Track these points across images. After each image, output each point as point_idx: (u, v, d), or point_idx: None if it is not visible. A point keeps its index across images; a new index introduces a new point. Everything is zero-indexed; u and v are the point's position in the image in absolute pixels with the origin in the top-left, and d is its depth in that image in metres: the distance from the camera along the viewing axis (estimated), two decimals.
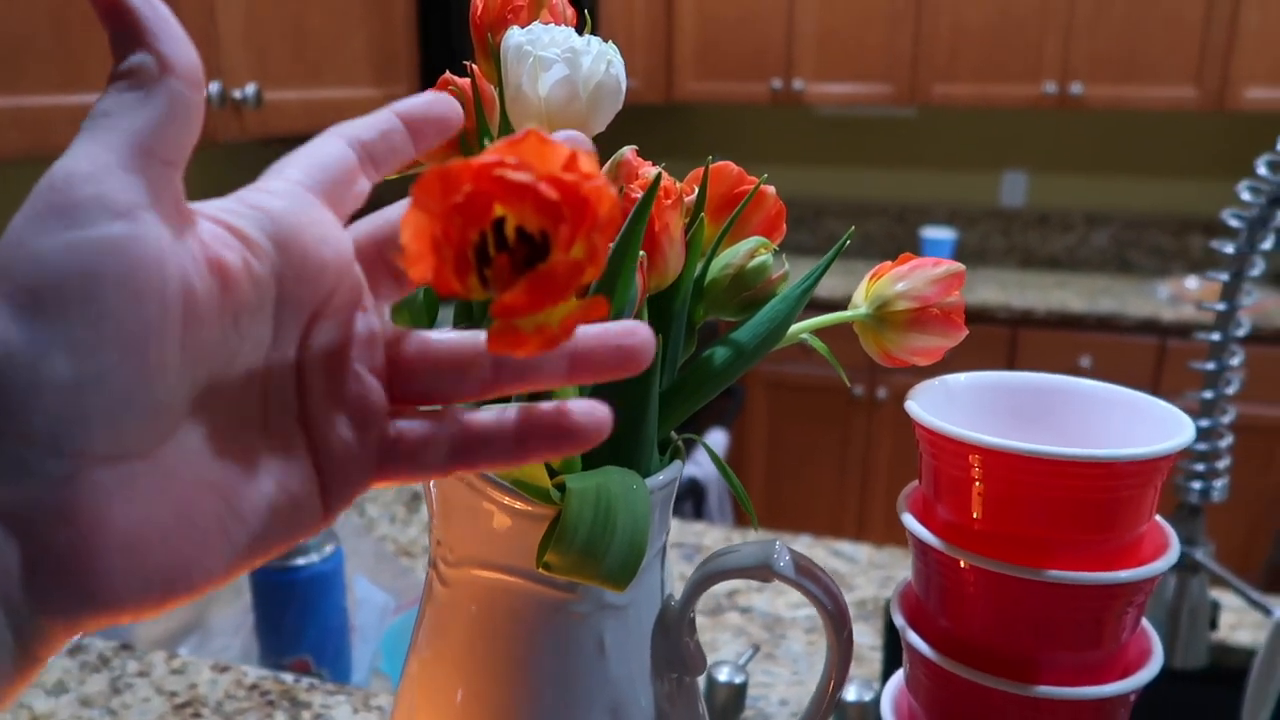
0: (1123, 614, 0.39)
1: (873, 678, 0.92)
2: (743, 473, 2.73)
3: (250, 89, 1.17)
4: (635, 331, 0.26)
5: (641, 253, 0.35)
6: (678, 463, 0.41)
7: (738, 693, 0.66)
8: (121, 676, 0.68)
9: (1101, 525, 0.38)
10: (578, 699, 0.39)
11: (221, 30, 1.15)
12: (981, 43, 2.63)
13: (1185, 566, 0.80)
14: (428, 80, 1.63)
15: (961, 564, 0.40)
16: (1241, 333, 0.75)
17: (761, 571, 0.40)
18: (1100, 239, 2.99)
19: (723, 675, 0.66)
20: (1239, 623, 1.05)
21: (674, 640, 0.41)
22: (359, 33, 1.45)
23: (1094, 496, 0.38)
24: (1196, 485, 0.78)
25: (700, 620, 1.03)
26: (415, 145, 0.27)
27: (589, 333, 0.26)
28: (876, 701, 0.66)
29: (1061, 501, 0.38)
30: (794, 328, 0.42)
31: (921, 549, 0.42)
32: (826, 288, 1.60)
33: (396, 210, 0.27)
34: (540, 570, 0.35)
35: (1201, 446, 0.77)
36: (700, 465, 1.90)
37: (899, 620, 0.44)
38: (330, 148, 0.26)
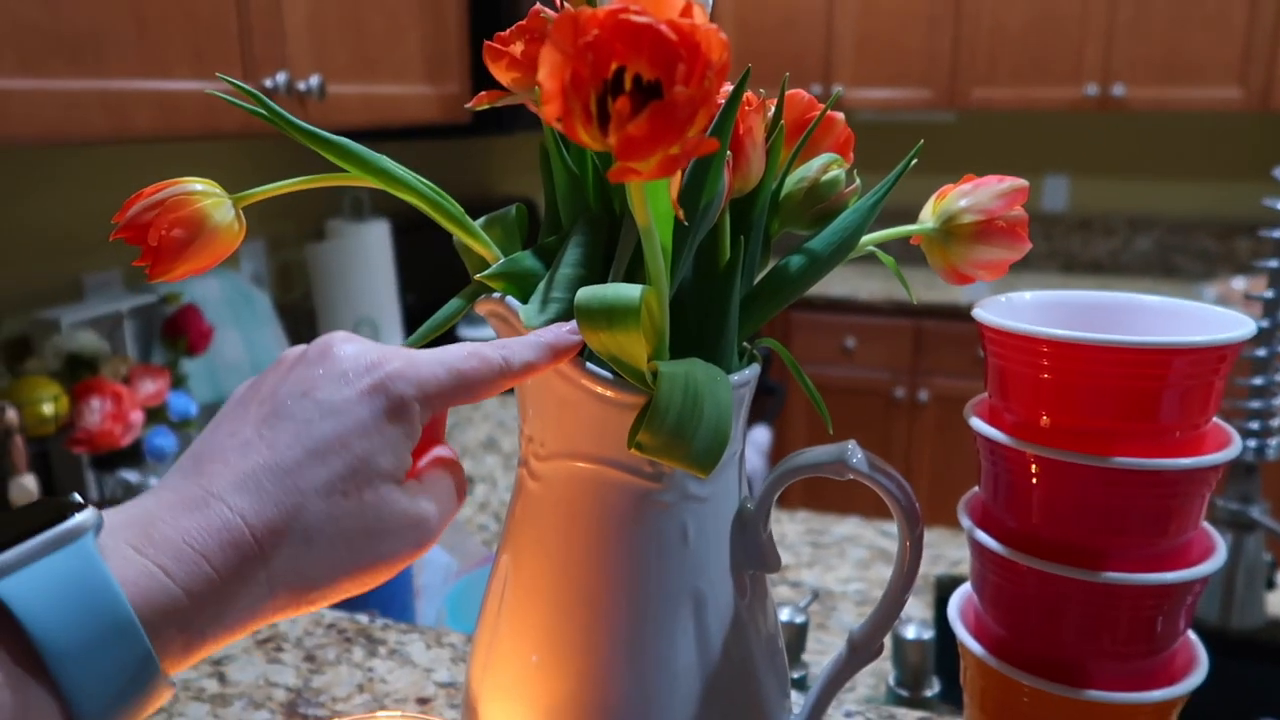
0: (1185, 505, 0.41)
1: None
2: None
3: (314, 80, 1.21)
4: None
5: (728, 152, 0.38)
6: (755, 365, 0.43)
7: (799, 632, 0.68)
8: None
9: (1163, 415, 0.40)
10: (663, 585, 0.41)
11: (287, 23, 1.19)
12: (1021, 45, 2.64)
13: (1241, 525, 0.81)
14: (478, 79, 1.68)
15: (1029, 458, 0.42)
16: None
17: (836, 467, 0.42)
18: (1144, 243, 2.97)
19: (784, 615, 0.68)
20: None
21: (751, 536, 0.43)
22: (413, 32, 1.50)
23: (1155, 385, 0.39)
24: (1251, 443, 0.79)
25: (769, 584, 1.05)
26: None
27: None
28: (934, 642, 0.67)
29: (1124, 391, 0.40)
30: (864, 239, 0.44)
31: (990, 449, 0.44)
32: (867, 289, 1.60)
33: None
34: (632, 451, 0.37)
35: (1255, 404, 0.78)
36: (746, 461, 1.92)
37: (966, 522, 0.45)
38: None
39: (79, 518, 0.28)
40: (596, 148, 0.27)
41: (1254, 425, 0.79)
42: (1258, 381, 0.78)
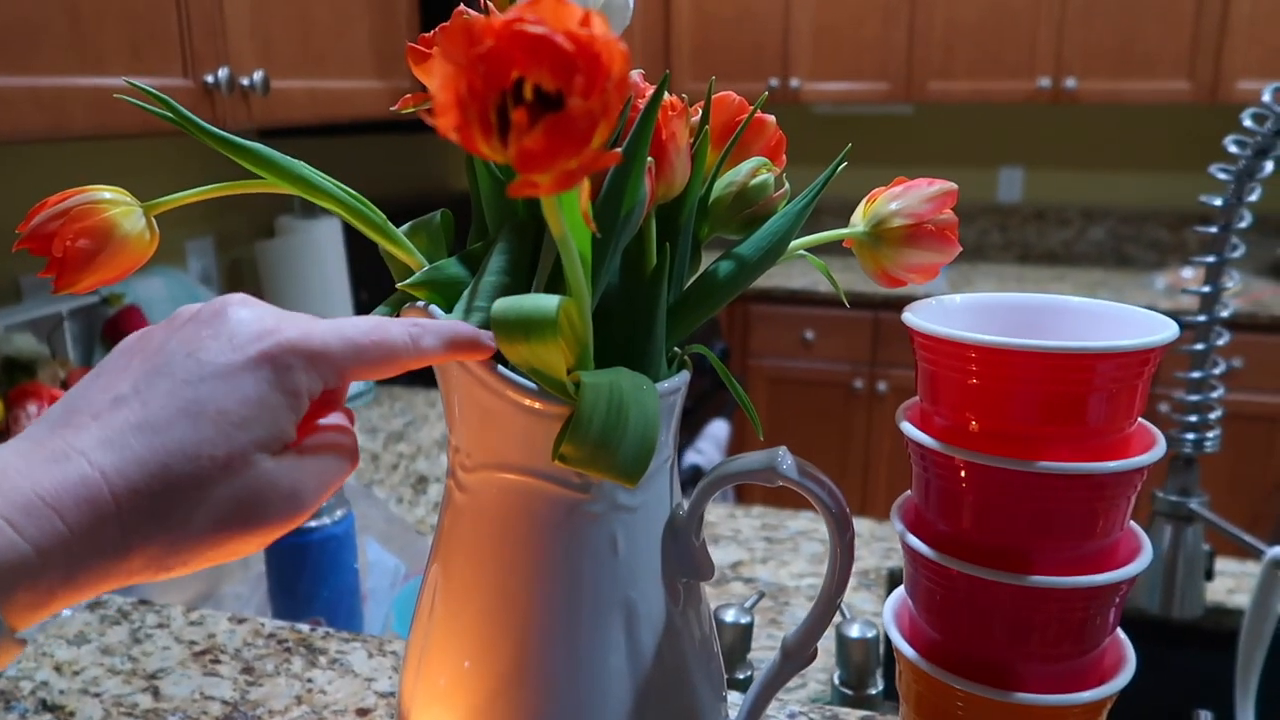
0: (1112, 507, 0.41)
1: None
2: None
3: (258, 76, 1.19)
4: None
5: (650, 159, 0.37)
6: (684, 372, 0.43)
7: (744, 633, 0.67)
8: (141, 628, 0.70)
9: (1089, 419, 0.40)
10: (593, 596, 0.41)
11: (228, 17, 1.17)
12: (976, 39, 2.66)
13: (1180, 517, 0.82)
14: None
15: (958, 463, 0.42)
16: (1230, 285, 0.77)
17: (766, 474, 0.41)
18: (1097, 233, 3.02)
19: (729, 616, 0.68)
20: (1237, 587, 1.06)
21: (683, 544, 0.43)
22: (362, 25, 1.47)
23: (1080, 389, 0.39)
24: (1190, 436, 0.80)
25: (704, 589, 1.05)
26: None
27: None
28: (877, 640, 0.67)
29: (1050, 396, 0.40)
30: (794, 243, 0.43)
31: (921, 454, 0.44)
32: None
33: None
34: (556, 462, 0.37)
35: (1194, 398, 0.79)
36: (702, 454, 1.92)
37: (899, 526, 0.45)
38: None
39: None
40: (498, 160, 0.26)
41: (1192, 418, 0.80)
42: (1195, 375, 0.79)
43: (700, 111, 0.42)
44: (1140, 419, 0.42)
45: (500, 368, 0.38)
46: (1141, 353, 0.39)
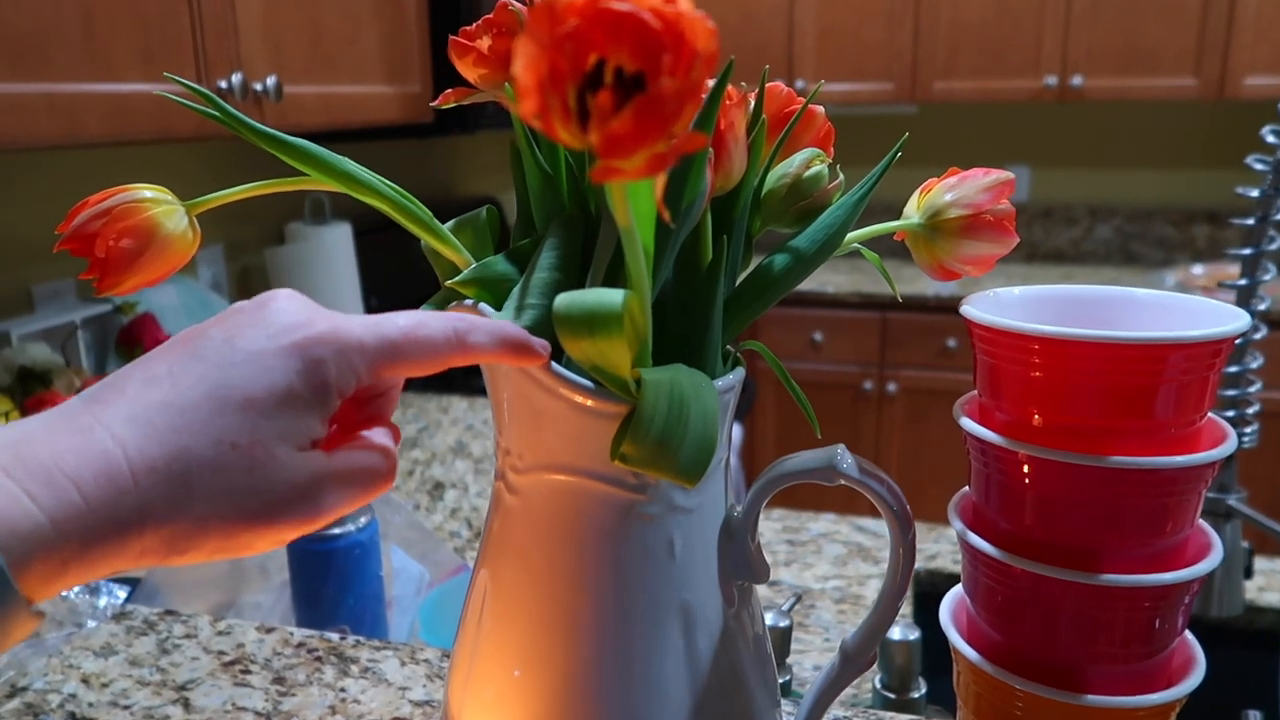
0: (1182, 503, 0.40)
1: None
2: (755, 466, 2.73)
3: (270, 81, 1.18)
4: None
5: (710, 150, 0.36)
6: (740, 369, 0.42)
7: (783, 635, 0.66)
8: (168, 638, 0.69)
9: (1158, 412, 0.39)
10: (650, 599, 0.40)
11: (240, 22, 1.16)
12: (981, 38, 2.65)
13: (1219, 513, 0.80)
14: (440, 78, 1.65)
15: (1021, 458, 0.41)
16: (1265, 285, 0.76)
17: (826, 472, 0.40)
18: (1105, 232, 3.01)
19: (768, 619, 0.66)
20: (1268, 585, 1.05)
21: (739, 546, 0.42)
22: (372, 31, 1.47)
23: (1150, 382, 0.38)
24: None
25: (756, 592, 1.04)
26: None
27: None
28: (919, 643, 0.66)
29: (1118, 388, 0.39)
30: (848, 236, 0.42)
31: (981, 449, 0.43)
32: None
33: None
34: (616, 462, 0.35)
35: (1231, 393, 0.78)
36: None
37: (958, 525, 0.44)
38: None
39: None
40: (577, 146, 0.25)
41: (1230, 414, 0.78)
42: (1233, 369, 0.78)
43: (754, 102, 0.41)
44: (1210, 412, 0.41)
45: (555, 365, 0.37)
46: (1213, 343, 0.38)
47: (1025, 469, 0.41)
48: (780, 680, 0.68)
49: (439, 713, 0.60)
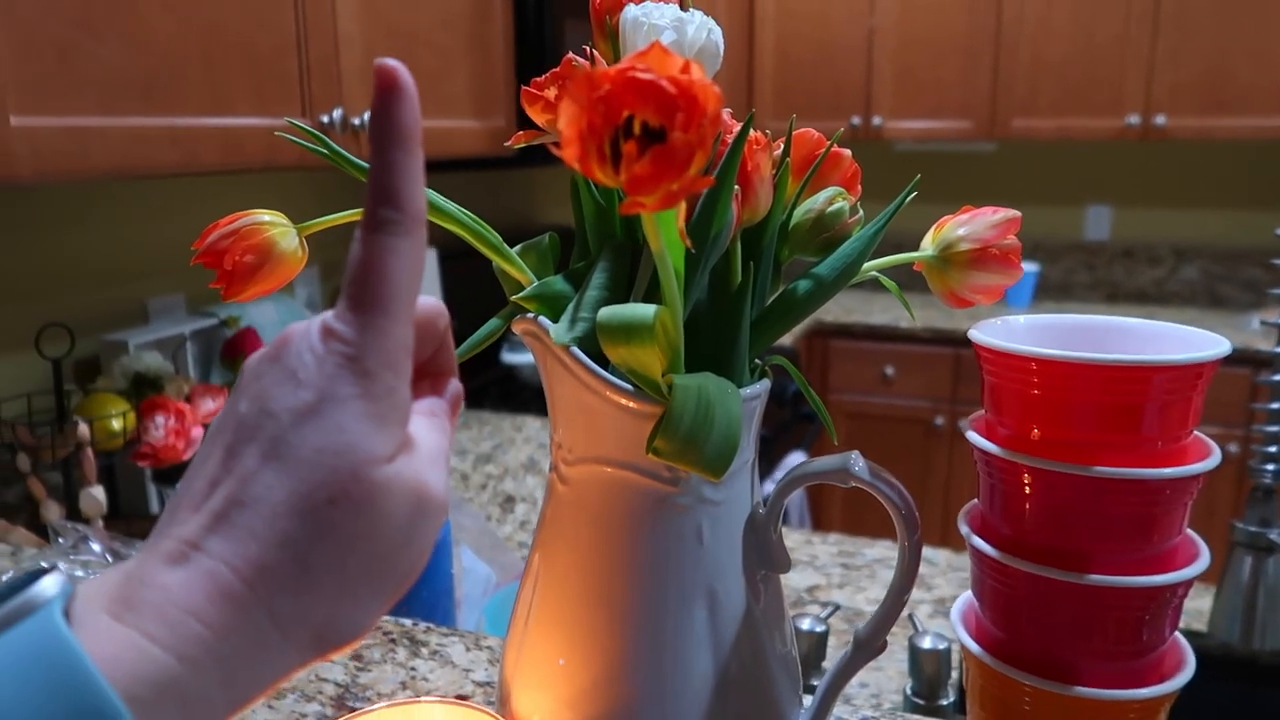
0: (1168, 512, 0.44)
1: None
2: (822, 498, 2.75)
3: (368, 116, 1.28)
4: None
5: (736, 187, 0.42)
6: (765, 380, 0.47)
7: (818, 640, 0.70)
8: None
9: (1144, 428, 0.43)
10: (681, 582, 0.45)
11: (343, 63, 1.26)
12: (1062, 76, 2.66)
13: (1260, 547, 0.82)
14: (523, 113, 1.74)
15: (1021, 468, 0.45)
16: None
17: (840, 474, 0.45)
18: (1189, 272, 2.96)
19: (805, 624, 0.71)
20: None
21: (762, 539, 0.47)
22: (462, 70, 1.56)
23: (1136, 400, 0.42)
24: (1269, 467, 0.81)
25: (781, 585, 1.09)
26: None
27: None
28: (949, 652, 0.70)
29: (1108, 406, 0.43)
30: (867, 265, 0.48)
31: (986, 460, 0.47)
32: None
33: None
34: (649, 455, 0.41)
35: (1273, 428, 0.80)
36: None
37: (965, 529, 0.49)
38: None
39: (38, 586, 0.24)
40: (610, 184, 0.31)
41: (1272, 449, 0.80)
42: (1275, 406, 0.80)
43: (782, 146, 0.46)
44: (1196, 431, 0.45)
45: (600, 370, 0.43)
46: (1194, 366, 0.42)
47: (1025, 479, 0.45)
48: (816, 682, 0.72)
49: (496, 693, 0.66)
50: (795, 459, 2.23)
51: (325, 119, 1.23)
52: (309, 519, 0.26)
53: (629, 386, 0.42)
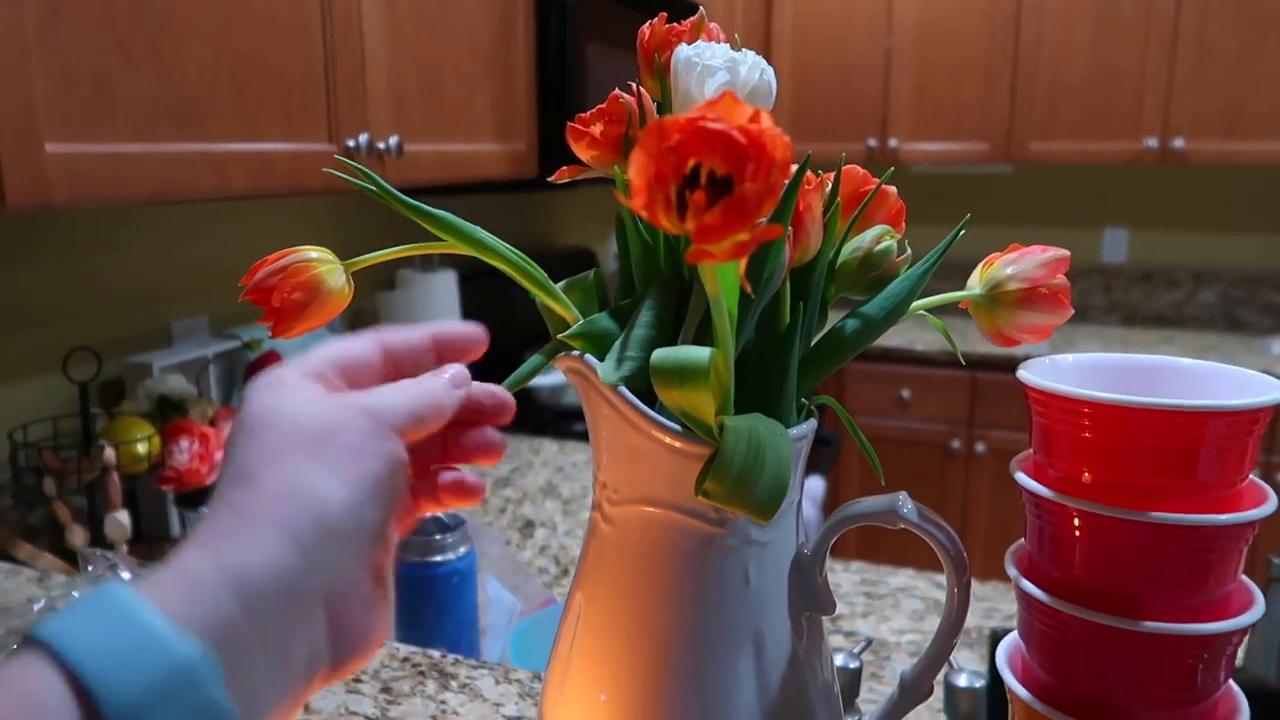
0: (1223, 559, 0.43)
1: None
2: None
3: (393, 140, 1.28)
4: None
5: (788, 228, 0.42)
6: (812, 420, 0.46)
7: (853, 677, 0.70)
8: None
9: (1199, 473, 0.42)
10: (726, 623, 0.44)
11: (370, 88, 1.27)
12: (1080, 99, 2.65)
13: None
14: (544, 137, 1.75)
15: (1072, 511, 0.44)
16: None
17: (888, 516, 0.45)
18: (1208, 296, 2.94)
19: (838, 660, 0.70)
20: None
21: (808, 579, 0.46)
22: (484, 94, 1.57)
23: (1191, 445, 0.42)
24: None
25: (825, 627, 1.07)
26: (442, 359, 0.41)
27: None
28: (985, 690, 0.69)
29: (1162, 451, 0.42)
30: (915, 304, 0.47)
31: (1035, 503, 0.46)
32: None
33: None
34: (699, 497, 0.41)
35: None
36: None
37: (1012, 571, 0.48)
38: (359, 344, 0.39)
39: (187, 654, 0.27)
40: (676, 232, 0.31)
41: None
42: None
43: (830, 185, 0.46)
44: (1252, 476, 0.44)
45: (648, 409, 0.42)
46: (1251, 412, 0.42)
47: (1076, 522, 0.45)
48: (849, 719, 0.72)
49: None
50: (813, 484, 2.22)
51: (351, 143, 1.24)
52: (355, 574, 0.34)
53: (677, 427, 0.42)
